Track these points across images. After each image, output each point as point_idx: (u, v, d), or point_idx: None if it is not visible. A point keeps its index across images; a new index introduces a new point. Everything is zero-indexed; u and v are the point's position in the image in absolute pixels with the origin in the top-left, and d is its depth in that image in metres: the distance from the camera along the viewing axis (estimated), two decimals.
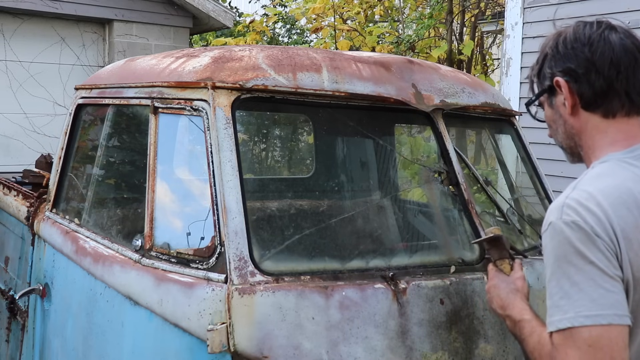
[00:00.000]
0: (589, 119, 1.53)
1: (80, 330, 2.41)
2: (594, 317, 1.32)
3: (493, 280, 1.83)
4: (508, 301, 1.72)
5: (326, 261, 2.04)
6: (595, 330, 1.31)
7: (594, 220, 1.35)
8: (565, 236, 1.36)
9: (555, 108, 1.59)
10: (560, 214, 1.39)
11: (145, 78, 2.35)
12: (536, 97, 1.63)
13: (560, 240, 1.37)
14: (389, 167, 2.98)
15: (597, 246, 1.34)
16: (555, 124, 1.61)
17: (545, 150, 5.67)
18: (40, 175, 3.59)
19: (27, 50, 7.80)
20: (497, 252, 1.91)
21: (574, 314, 1.34)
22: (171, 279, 1.96)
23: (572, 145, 1.60)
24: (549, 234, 1.41)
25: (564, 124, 1.58)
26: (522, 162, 2.82)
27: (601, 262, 1.33)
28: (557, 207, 1.42)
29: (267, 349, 1.77)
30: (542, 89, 1.60)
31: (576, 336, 1.33)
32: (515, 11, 5.89)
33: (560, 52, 1.54)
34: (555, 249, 1.38)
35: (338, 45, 9.32)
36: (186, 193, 2.26)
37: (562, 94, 1.54)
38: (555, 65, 1.54)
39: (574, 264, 1.35)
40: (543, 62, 1.59)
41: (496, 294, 1.78)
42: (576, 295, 1.34)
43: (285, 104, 2.20)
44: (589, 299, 1.32)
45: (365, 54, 2.40)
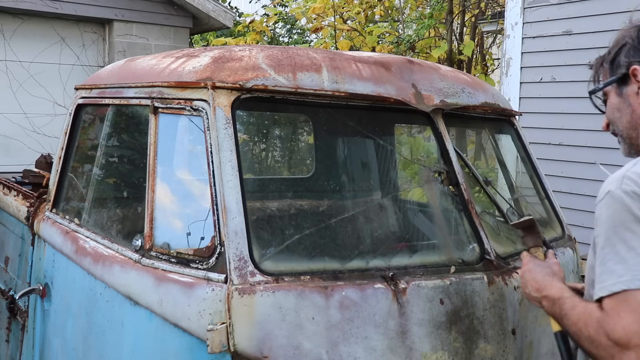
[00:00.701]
0: None
1: (80, 330, 2.41)
2: None
3: (528, 264, 1.85)
4: (545, 283, 1.72)
5: (326, 261, 2.04)
6: None
7: None
8: (625, 204, 1.38)
9: (624, 96, 1.61)
10: (620, 184, 1.41)
11: (145, 78, 2.35)
12: (607, 84, 1.65)
13: (618, 207, 1.39)
14: (389, 167, 2.98)
15: None
16: (620, 113, 1.63)
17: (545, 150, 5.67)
18: (40, 175, 3.59)
19: (27, 50, 7.80)
20: (532, 239, 1.96)
21: (630, 277, 1.33)
22: (171, 279, 1.96)
23: (633, 136, 1.62)
24: (605, 202, 1.42)
25: (631, 113, 1.60)
26: (522, 162, 2.82)
27: None
28: (616, 178, 1.44)
29: (267, 349, 1.77)
30: (613, 76, 1.62)
31: (631, 299, 1.32)
32: (515, 11, 5.89)
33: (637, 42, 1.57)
34: (612, 216, 1.40)
35: (338, 45, 9.32)
36: (186, 193, 2.26)
37: (636, 83, 1.57)
38: (634, 55, 1.57)
39: (633, 230, 1.36)
40: (619, 52, 1.61)
41: (531, 277, 1.79)
42: (633, 260, 1.34)
43: (285, 104, 2.20)
44: None
45: (365, 54, 2.40)
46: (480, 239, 2.17)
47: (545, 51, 5.73)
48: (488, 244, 2.16)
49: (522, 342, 2.14)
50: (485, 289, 2.07)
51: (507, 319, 2.10)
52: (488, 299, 2.07)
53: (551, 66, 5.70)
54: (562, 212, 2.75)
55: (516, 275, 2.13)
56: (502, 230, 2.41)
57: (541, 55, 5.76)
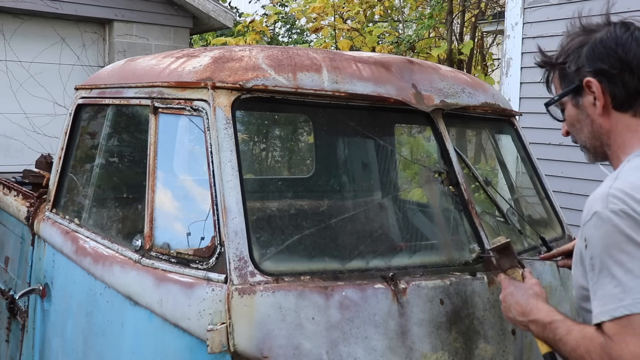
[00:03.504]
0: (620, 119, 1.53)
1: (80, 330, 2.41)
2: None
3: (508, 288, 1.79)
4: (530, 306, 1.68)
5: (326, 261, 2.04)
6: None
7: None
8: (614, 224, 1.35)
9: (581, 108, 1.58)
10: (606, 203, 1.38)
11: (145, 78, 2.35)
12: (560, 97, 1.62)
13: (608, 228, 1.36)
14: (389, 167, 2.98)
15: None
16: (580, 124, 1.60)
17: (545, 150, 5.67)
18: (40, 175, 3.59)
19: (27, 50, 7.80)
20: (508, 260, 1.89)
21: (631, 300, 1.31)
22: (171, 279, 1.96)
23: (597, 145, 1.59)
24: (594, 224, 1.39)
25: (591, 124, 1.57)
26: (522, 162, 2.82)
27: None
28: (601, 197, 1.40)
29: (267, 349, 1.77)
30: (567, 89, 1.59)
31: (635, 323, 1.30)
32: (515, 11, 5.89)
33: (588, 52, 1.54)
34: (602, 238, 1.37)
35: (338, 45, 9.32)
36: (186, 193, 2.26)
37: (590, 94, 1.54)
38: (585, 66, 1.54)
39: (627, 252, 1.33)
40: (566, 61, 1.58)
41: (514, 301, 1.74)
42: (632, 282, 1.32)
43: (285, 104, 2.20)
44: None
45: (365, 54, 2.40)
46: (480, 239, 2.17)
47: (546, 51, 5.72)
48: (488, 244, 2.15)
49: (522, 342, 2.14)
50: (485, 289, 2.07)
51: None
52: (488, 299, 2.07)
53: None
54: (562, 212, 2.75)
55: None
56: (502, 230, 2.41)
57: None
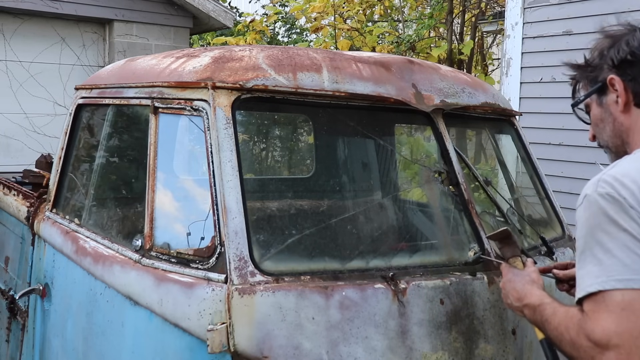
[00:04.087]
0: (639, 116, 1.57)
1: (80, 330, 2.41)
2: (626, 281, 1.33)
3: (507, 275, 1.87)
4: (525, 291, 1.75)
5: (326, 261, 2.04)
6: (629, 294, 1.33)
7: (627, 193, 1.39)
8: (600, 206, 1.40)
9: (605, 106, 1.63)
10: (595, 187, 1.43)
11: (145, 78, 2.35)
12: (587, 95, 1.67)
13: (594, 210, 1.41)
14: (389, 167, 2.98)
15: (630, 215, 1.37)
16: (603, 123, 1.65)
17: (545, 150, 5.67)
18: (40, 175, 3.59)
19: (27, 50, 7.80)
20: (510, 250, 1.96)
21: (606, 277, 1.35)
22: (171, 279, 1.96)
23: (618, 144, 1.64)
24: (583, 206, 1.44)
25: (613, 122, 1.62)
26: (522, 162, 2.82)
27: (634, 230, 1.36)
28: (593, 182, 1.46)
29: (267, 349, 1.77)
30: (592, 88, 1.64)
31: (608, 300, 1.34)
32: (515, 11, 5.89)
33: (614, 53, 1.59)
34: (589, 219, 1.42)
35: (338, 45, 9.32)
36: (186, 193, 2.26)
37: (614, 92, 1.59)
38: (610, 65, 1.59)
39: (608, 232, 1.38)
40: (594, 66, 1.63)
41: (512, 287, 1.81)
42: (608, 261, 1.36)
43: (285, 104, 2.20)
44: (622, 264, 1.35)
45: (365, 54, 2.40)
46: (480, 239, 2.17)
47: (546, 51, 5.73)
48: (488, 244, 2.15)
49: (522, 342, 2.14)
50: (485, 289, 2.07)
51: (507, 319, 2.10)
52: (488, 299, 2.07)
53: (551, 66, 5.70)
54: (562, 212, 2.75)
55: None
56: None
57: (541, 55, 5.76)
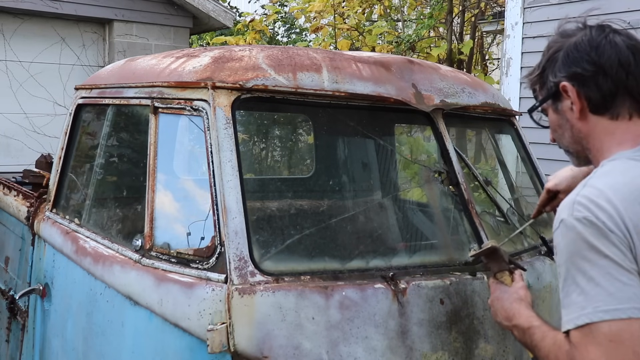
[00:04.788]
0: (598, 122, 1.52)
1: (80, 330, 2.41)
2: (612, 311, 1.30)
3: (495, 292, 1.82)
4: (513, 311, 1.70)
5: (326, 261, 2.04)
6: (615, 324, 1.30)
7: (605, 215, 1.34)
8: (578, 232, 1.35)
9: (561, 113, 1.58)
10: (571, 211, 1.38)
11: (145, 78, 2.35)
12: (540, 103, 1.62)
13: (572, 236, 1.36)
14: (389, 167, 2.98)
15: (610, 240, 1.33)
16: (562, 129, 1.60)
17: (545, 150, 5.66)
18: (40, 175, 3.59)
19: (27, 50, 7.80)
20: (496, 264, 1.89)
21: (592, 309, 1.32)
22: (171, 279, 1.96)
23: (579, 150, 1.59)
24: (560, 232, 1.40)
25: (571, 129, 1.57)
26: (522, 162, 2.82)
27: (616, 255, 1.32)
28: (567, 205, 1.41)
29: (267, 349, 1.77)
30: (546, 94, 1.59)
31: (596, 332, 1.32)
32: (515, 11, 5.89)
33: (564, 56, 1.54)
34: (568, 246, 1.37)
35: (338, 45, 9.31)
36: (186, 193, 2.26)
37: (568, 98, 1.53)
38: (560, 70, 1.54)
39: (589, 259, 1.33)
40: (545, 67, 1.58)
41: (500, 306, 1.77)
42: (593, 291, 1.32)
43: (285, 104, 2.20)
44: (606, 293, 1.31)
45: (365, 54, 2.40)
46: (480, 239, 2.16)
47: None
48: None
49: None
50: (485, 289, 2.07)
51: None
52: (488, 299, 2.07)
53: None
54: None
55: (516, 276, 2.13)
56: (502, 230, 2.41)
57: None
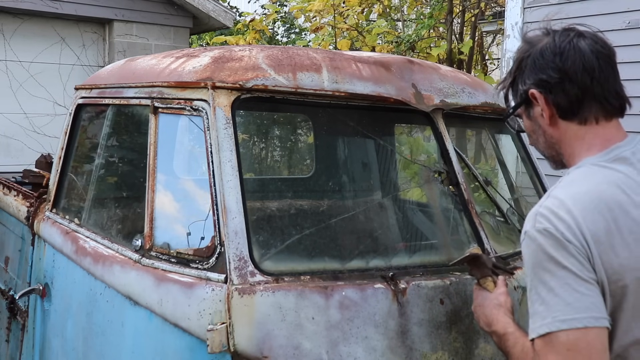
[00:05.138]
0: (568, 128, 1.53)
1: (80, 330, 2.41)
2: (569, 321, 1.34)
3: (477, 299, 1.85)
4: (492, 317, 1.74)
5: (326, 261, 2.04)
6: (573, 334, 1.34)
7: (564, 226, 1.38)
8: (539, 243, 1.39)
9: (533, 119, 1.59)
10: (533, 223, 1.43)
11: (145, 78, 2.35)
12: (513, 110, 1.64)
13: (534, 248, 1.41)
14: (389, 167, 2.98)
15: (569, 251, 1.36)
16: (536, 134, 1.62)
17: None
18: (40, 175, 3.59)
19: (27, 50, 7.80)
20: (479, 271, 1.91)
21: (551, 319, 1.36)
22: (171, 279, 1.96)
23: (554, 154, 1.61)
24: (525, 243, 1.44)
25: (543, 134, 1.59)
26: (522, 162, 2.82)
27: (574, 266, 1.36)
28: (531, 216, 1.45)
29: (267, 349, 1.77)
30: (517, 101, 1.60)
31: (555, 341, 1.36)
32: (515, 11, 5.89)
33: (530, 64, 1.54)
34: (531, 257, 1.42)
35: (338, 45, 9.31)
36: (186, 193, 2.26)
37: (538, 105, 1.54)
38: (528, 78, 1.54)
39: (549, 270, 1.37)
40: (515, 75, 1.59)
41: (481, 312, 1.80)
42: (552, 301, 1.37)
43: (285, 104, 2.20)
44: (564, 303, 1.35)
45: (365, 54, 2.40)
46: (480, 239, 2.17)
47: None
48: (488, 244, 2.16)
49: None
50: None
51: None
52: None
53: None
54: None
55: (516, 275, 2.13)
56: (502, 230, 2.41)
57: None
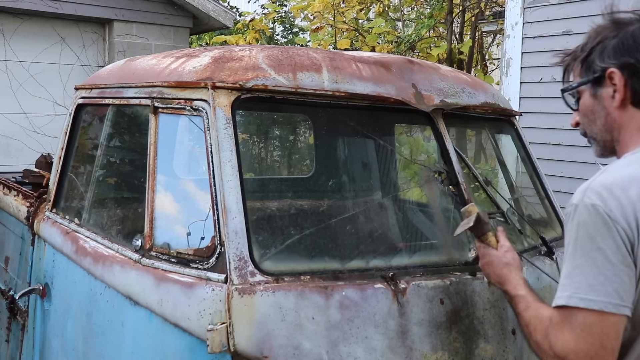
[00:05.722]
0: (634, 115, 1.51)
1: (80, 330, 2.41)
2: (587, 300, 1.35)
3: (485, 258, 1.87)
4: (503, 277, 1.77)
5: (326, 261, 2.04)
6: (590, 316, 1.34)
7: (615, 204, 1.36)
8: (583, 219, 1.38)
9: (598, 99, 1.55)
10: (582, 197, 1.41)
11: (145, 78, 2.35)
12: (579, 84, 1.59)
13: (577, 222, 1.40)
14: (389, 167, 2.98)
15: (610, 231, 1.35)
16: (594, 115, 1.57)
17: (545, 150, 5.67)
18: (40, 175, 3.59)
19: (27, 50, 7.80)
20: (479, 228, 1.90)
21: (569, 293, 1.37)
22: (171, 279, 1.96)
23: (607, 139, 1.57)
24: (570, 216, 1.43)
25: (605, 117, 1.55)
26: (522, 162, 2.82)
27: (609, 248, 1.34)
28: (581, 190, 1.43)
29: (267, 349, 1.77)
30: (587, 77, 1.56)
31: (572, 318, 1.37)
32: (515, 11, 5.89)
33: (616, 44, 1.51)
34: (571, 230, 1.41)
35: (338, 45, 9.31)
36: (186, 193, 2.26)
37: (611, 86, 1.51)
38: (610, 57, 1.51)
39: (582, 247, 1.37)
40: (592, 51, 1.55)
41: (491, 271, 1.83)
42: (577, 277, 1.37)
43: (285, 104, 2.20)
44: (587, 283, 1.35)
45: (365, 54, 2.40)
46: None
47: (546, 51, 5.73)
48: None
49: (522, 342, 2.14)
50: (485, 289, 2.07)
51: (507, 318, 2.10)
52: (488, 299, 2.07)
53: (551, 66, 5.69)
54: (562, 212, 2.75)
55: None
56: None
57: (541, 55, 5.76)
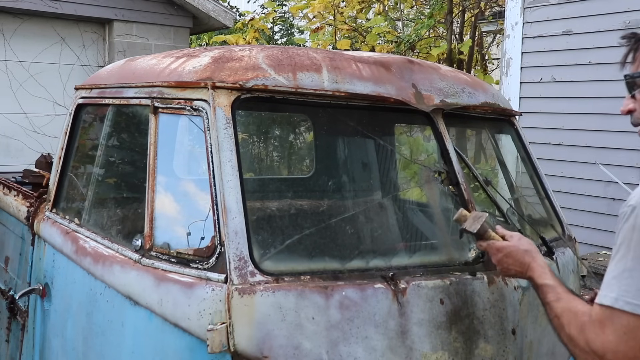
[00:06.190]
0: None
1: (80, 330, 2.41)
2: (634, 305, 1.33)
3: (499, 253, 1.86)
4: (526, 265, 1.77)
5: (326, 261, 2.04)
6: (634, 320, 1.33)
7: None
8: (637, 222, 1.37)
9: None
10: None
11: (145, 78, 2.35)
12: None
13: (632, 224, 1.39)
14: (389, 167, 2.98)
15: None
16: None
17: (545, 150, 5.67)
18: (40, 175, 3.59)
19: (27, 50, 7.80)
20: (481, 228, 1.91)
21: (616, 295, 1.36)
22: (171, 279, 1.96)
23: None
24: (625, 216, 1.42)
25: None
26: (522, 162, 2.82)
27: None
28: None
29: (267, 349, 1.77)
30: None
31: (616, 319, 1.35)
32: (515, 11, 5.90)
33: None
34: (624, 231, 1.40)
35: (338, 45, 9.31)
36: (186, 193, 2.26)
37: None
38: None
39: (636, 251, 1.36)
40: None
41: (512, 262, 1.82)
42: (625, 280, 1.36)
43: (285, 104, 2.20)
44: (636, 287, 1.34)
45: (365, 54, 2.40)
46: None
47: (545, 51, 5.73)
48: None
49: (522, 342, 2.14)
50: (485, 289, 2.07)
51: (507, 318, 2.10)
52: (488, 299, 2.07)
53: (551, 66, 5.71)
54: (562, 212, 2.76)
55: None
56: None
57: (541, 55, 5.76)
